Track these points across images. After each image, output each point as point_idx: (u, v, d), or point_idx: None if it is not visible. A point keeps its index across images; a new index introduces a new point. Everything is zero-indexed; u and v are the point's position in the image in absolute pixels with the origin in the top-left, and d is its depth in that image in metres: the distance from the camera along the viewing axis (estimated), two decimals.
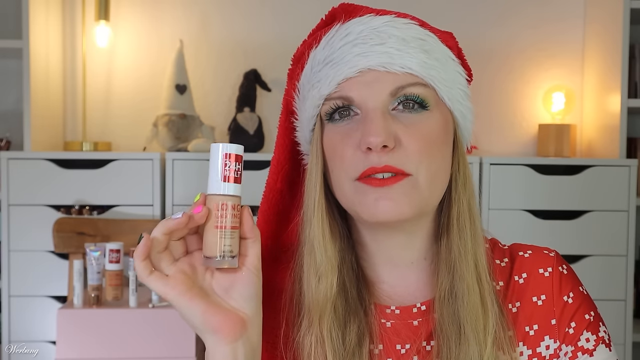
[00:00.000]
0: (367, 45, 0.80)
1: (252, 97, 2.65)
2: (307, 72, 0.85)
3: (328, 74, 0.82)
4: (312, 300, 0.82)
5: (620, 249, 2.43)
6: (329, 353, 0.81)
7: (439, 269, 0.85)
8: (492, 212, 2.41)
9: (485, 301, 0.82)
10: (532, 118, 2.80)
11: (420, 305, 0.86)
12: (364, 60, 0.80)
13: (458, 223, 0.84)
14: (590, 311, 0.87)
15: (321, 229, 0.83)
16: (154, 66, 2.74)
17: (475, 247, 0.83)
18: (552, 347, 0.85)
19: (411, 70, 0.80)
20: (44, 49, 2.55)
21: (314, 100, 0.83)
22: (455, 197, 0.84)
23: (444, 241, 0.84)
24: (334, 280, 0.82)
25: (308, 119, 0.86)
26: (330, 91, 0.81)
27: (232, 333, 0.73)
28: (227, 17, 2.78)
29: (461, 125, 0.86)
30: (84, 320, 1.97)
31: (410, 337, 0.84)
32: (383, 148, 0.77)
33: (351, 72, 0.80)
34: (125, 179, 2.39)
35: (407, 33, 0.82)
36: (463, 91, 0.85)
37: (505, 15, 2.80)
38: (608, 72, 2.58)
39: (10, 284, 2.37)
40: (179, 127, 2.55)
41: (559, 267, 0.89)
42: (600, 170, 2.43)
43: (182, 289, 0.72)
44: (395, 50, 0.80)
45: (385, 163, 0.77)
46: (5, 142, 2.59)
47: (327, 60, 0.82)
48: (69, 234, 2.27)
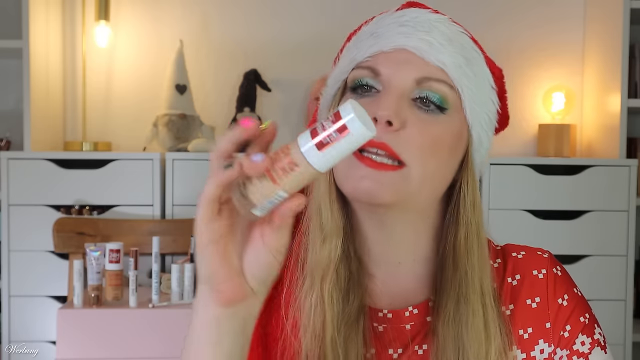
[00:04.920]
0: (412, 29, 0.81)
1: (252, 97, 2.65)
2: (351, 43, 0.86)
3: (367, 43, 0.82)
4: (316, 261, 0.81)
5: (620, 249, 2.42)
6: (328, 315, 0.79)
7: (443, 287, 0.83)
8: (492, 212, 2.41)
9: (489, 327, 0.81)
10: (532, 118, 2.80)
11: (412, 309, 0.85)
12: (404, 40, 0.80)
13: (466, 245, 0.82)
14: (585, 313, 0.86)
15: (328, 190, 0.82)
16: (154, 66, 2.74)
17: (482, 271, 0.82)
18: (547, 351, 0.84)
19: (444, 66, 0.79)
20: (44, 49, 2.55)
21: (345, 64, 0.84)
22: (463, 217, 0.83)
23: (450, 260, 0.83)
24: (338, 242, 0.81)
25: (333, 82, 0.86)
26: (363, 59, 0.81)
27: (229, 299, 0.67)
28: (227, 17, 2.78)
29: (475, 148, 0.84)
30: (84, 320, 1.97)
31: (403, 341, 0.83)
32: (387, 125, 0.76)
33: (387, 47, 0.80)
34: (125, 179, 2.39)
35: (455, 36, 0.82)
36: (490, 119, 0.85)
37: (505, 15, 2.80)
38: (608, 72, 2.58)
39: (10, 284, 2.37)
40: (179, 127, 2.55)
41: (553, 268, 0.88)
42: (600, 170, 2.43)
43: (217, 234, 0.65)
44: (436, 42, 0.80)
45: (384, 141, 0.76)
46: (5, 142, 2.59)
47: (372, 32, 0.83)
48: (69, 234, 2.27)
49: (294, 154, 0.60)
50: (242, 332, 0.69)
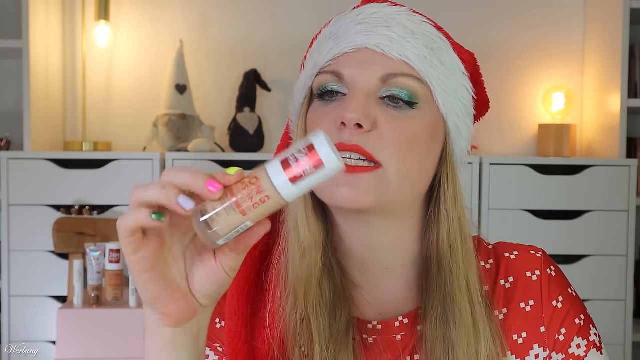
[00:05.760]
0: (371, 26, 0.78)
1: (252, 97, 2.65)
2: (313, 47, 0.84)
3: (328, 46, 0.80)
4: (297, 277, 0.78)
5: (620, 249, 2.42)
6: (315, 333, 0.77)
7: (429, 288, 0.80)
8: (492, 212, 2.41)
9: (477, 324, 0.79)
10: (532, 118, 2.80)
11: (402, 319, 0.82)
12: (364, 38, 0.77)
13: (449, 241, 0.80)
14: (580, 314, 0.84)
15: (304, 204, 0.79)
16: (154, 66, 2.74)
17: (467, 267, 0.80)
18: (542, 356, 0.82)
19: (408, 60, 0.77)
20: (44, 49, 2.55)
21: (309, 70, 0.81)
22: (444, 213, 0.80)
23: (434, 259, 0.80)
24: (318, 256, 0.79)
25: (300, 90, 0.83)
26: (325, 62, 0.79)
27: (179, 320, 0.65)
28: (227, 17, 2.78)
29: (454, 139, 0.81)
30: (84, 320, 1.97)
31: (394, 352, 0.81)
32: (357, 127, 0.74)
33: (348, 47, 0.78)
34: (125, 179, 2.39)
35: (417, 27, 0.79)
36: (464, 106, 0.82)
37: (505, 15, 2.80)
38: (608, 72, 2.58)
39: (10, 284, 2.37)
40: (179, 127, 2.55)
41: (547, 269, 0.85)
42: (600, 170, 2.43)
43: (149, 264, 0.62)
44: (397, 36, 0.77)
45: (356, 143, 0.74)
46: (5, 142, 2.59)
47: (332, 34, 0.80)
48: (69, 234, 2.27)
49: (265, 185, 0.59)
50: (197, 344, 0.67)
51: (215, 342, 0.83)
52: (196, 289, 0.65)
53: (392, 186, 0.75)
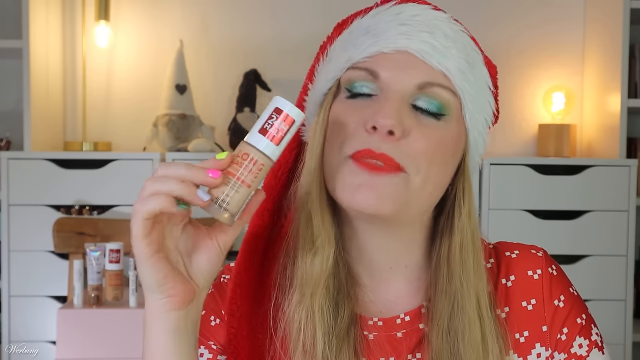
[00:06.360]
0: (414, 29, 0.76)
1: (252, 97, 2.65)
2: (343, 37, 0.82)
3: (365, 41, 0.78)
4: (307, 274, 0.77)
5: (620, 249, 2.42)
6: (319, 330, 0.77)
7: (437, 299, 0.80)
8: (492, 212, 2.41)
9: (486, 338, 0.79)
10: (532, 118, 2.80)
11: (404, 316, 0.82)
12: (406, 41, 0.76)
13: (461, 253, 0.80)
14: (581, 314, 0.84)
15: (318, 198, 0.78)
16: (154, 66, 2.74)
17: (477, 280, 0.80)
18: (544, 355, 0.82)
19: (447, 72, 0.76)
20: (44, 49, 2.55)
21: (340, 62, 0.79)
22: (458, 226, 0.80)
23: (443, 269, 0.80)
24: (330, 253, 0.78)
25: (325, 80, 0.81)
26: (360, 59, 0.77)
27: (184, 301, 0.70)
28: (227, 17, 2.78)
29: (471, 153, 0.82)
30: (84, 320, 1.97)
31: (395, 350, 0.81)
32: (389, 134, 0.73)
33: (388, 48, 0.76)
34: (125, 179, 2.39)
35: (458, 37, 0.79)
36: (486, 122, 0.82)
37: (505, 15, 2.80)
38: (608, 72, 2.58)
39: (10, 284, 2.37)
40: (179, 127, 2.55)
41: (548, 268, 0.85)
42: (600, 170, 2.43)
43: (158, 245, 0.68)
44: (440, 45, 0.76)
45: (384, 151, 0.73)
46: (5, 142, 2.59)
47: (369, 29, 0.78)
48: (69, 234, 2.27)
49: (257, 156, 0.69)
50: (194, 331, 0.73)
51: (210, 339, 0.84)
52: (194, 271, 0.71)
53: (413, 193, 0.75)
